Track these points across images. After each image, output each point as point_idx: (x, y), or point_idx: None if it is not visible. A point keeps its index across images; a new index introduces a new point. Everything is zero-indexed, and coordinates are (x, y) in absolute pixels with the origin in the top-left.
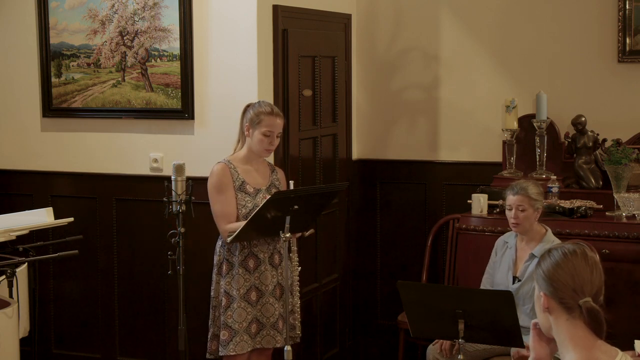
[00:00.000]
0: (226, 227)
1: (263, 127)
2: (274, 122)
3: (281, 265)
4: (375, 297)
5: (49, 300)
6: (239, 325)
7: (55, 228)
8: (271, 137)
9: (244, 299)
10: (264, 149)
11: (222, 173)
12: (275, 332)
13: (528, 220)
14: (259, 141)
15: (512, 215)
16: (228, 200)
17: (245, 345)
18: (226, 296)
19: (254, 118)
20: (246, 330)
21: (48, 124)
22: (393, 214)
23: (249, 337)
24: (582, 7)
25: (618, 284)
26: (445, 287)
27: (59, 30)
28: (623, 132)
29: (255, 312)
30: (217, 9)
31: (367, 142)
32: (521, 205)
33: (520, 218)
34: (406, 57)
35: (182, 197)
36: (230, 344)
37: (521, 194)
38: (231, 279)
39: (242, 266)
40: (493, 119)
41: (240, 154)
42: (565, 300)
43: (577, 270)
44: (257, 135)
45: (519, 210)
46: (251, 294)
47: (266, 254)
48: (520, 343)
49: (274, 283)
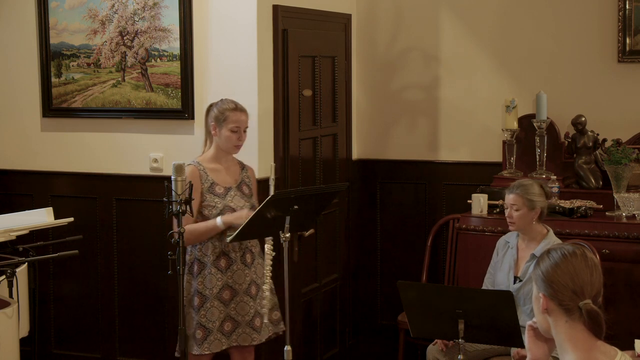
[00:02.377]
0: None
1: (229, 123)
2: (239, 117)
3: (254, 264)
4: (375, 297)
5: (49, 300)
6: (212, 325)
7: (55, 228)
8: (239, 133)
9: (217, 298)
10: (233, 145)
11: (191, 176)
12: (252, 330)
13: (523, 219)
14: (227, 138)
15: (507, 215)
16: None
17: (219, 344)
18: (199, 296)
19: (219, 116)
20: (219, 329)
21: (48, 124)
22: (393, 214)
23: (223, 336)
24: (582, 7)
25: (618, 284)
26: (445, 287)
27: (59, 30)
28: (623, 132)
29: (228, 310)
30: (217, 8)
31: (367, 142)
32: (515, 205)
33: (514, 217)
34: (406, 57)
35: (182, 197)
36: (204, 342)
37: (516, 193)
38: (203, 279)
39: (215, 266)
40: (493, 119)
41: (208, 154)
42: (564, 302)
43: (577, 271)
44: (224, 133)
45: (513, 210)
46: (224, 293)
47: (238, 253)
48: (521, 343)
49: (247, 282)
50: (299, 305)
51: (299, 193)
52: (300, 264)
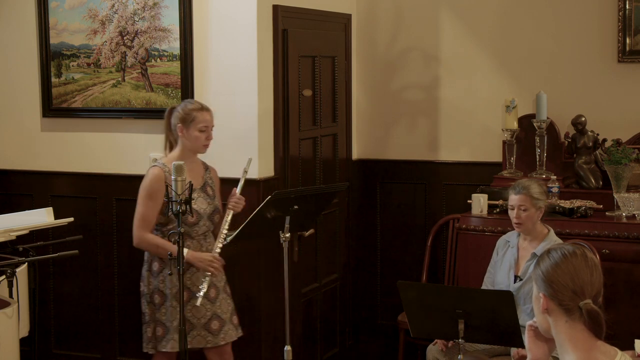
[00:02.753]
0: (144, 236)
1: (198, 123)
2: (206, 117)
3: None
4: (375, 297)
5: (49, 300)
6: (170, 324)
7: (55, 228)
8: (207, 132)
9: (176, 299)
10: (202, 145)
11: (157, 179)
12: (207, 332)
13: (530, 219)
14: (196, 138)
15: (514, 215)
16: (154, 208)
17: (175, 344)
18: (159, 294)
19: (186, 117)
20: (176, 330)
21: (48, 124)
22: (393, 214)
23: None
24: (582, 7)
25: (618, 284)
26: (445, 287)
27: (59, 30)
28: (623, 132)
29: (185, 311)
30: (217, 8)
31: (367, 142)
32: (523, 205)
33: (522, 218)
34: (406, 57)
35: (182, 197)
36: (163, 340)
37: (523, 193)
38: (164, 278)
39: (175, 266)
40: (493, 119)
41: (173, 156)
42: (564, 302)
43: (577, 271)
44: (193, 133)
45: (520, 210)
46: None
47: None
48: (521, 343)
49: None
50: (299, 305)
51: (299, 193)
52: (300, 264)
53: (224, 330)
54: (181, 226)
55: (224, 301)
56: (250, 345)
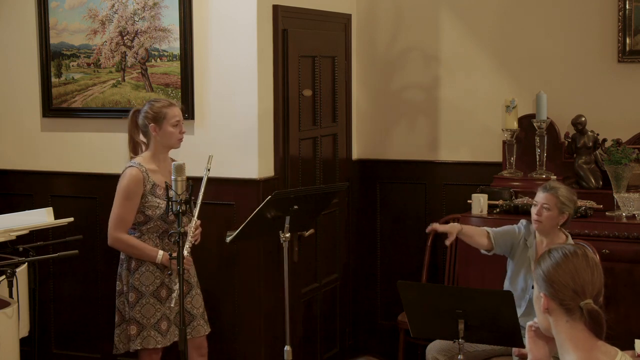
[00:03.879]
0: (119, 236)
1: (170, 119)
2: (176, 111)
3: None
4: (375, 297)
5: (49, 300)
6: (147, 321)
7: (55, 228)
8: (179, 126)
9: (154, 296)
10: (177, 139)
11: (135, 181)
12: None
13: (550, 220)
14: (170, 134)
15: (535, 212)
16: (131, 209)
17: (152, 340)
18: (135, 292)
19: (157, 115)
20: (154, 327)
21: (48, 124)
22: (393, 214)
23: (159, 334)
24: (582, 7)
25: (618, 284)
26: (445, 287)
27: (59, 30)
28: (623, 132)
29: (164, 309)
30: (217, 9)
31: (367, 142)
32: (547, 204)
33: (542, 215)
34: (406, 57)
35: (182, 197)
36: (138, 338)
37: (551, 193)
38: (140, 276)
39: (152, 263)
40: (493, 119)
41: (147, 156)
42: (565, 301)
43: (578, 271)
44: (167, 129)
45: (543, 208)
46: (161, 291)
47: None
48: (521, 343)
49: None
50: (299, 305)
51: (299, 193)
52: (300, 264)
53: (192, 325)
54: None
55: (197, 297)
56: (250, 345)
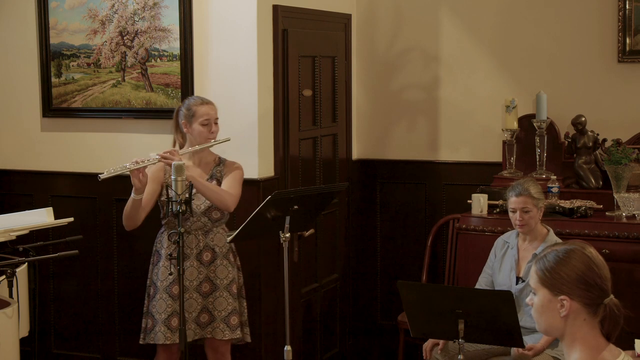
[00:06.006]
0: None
1: (198, 117)
2: (207, 110)
3: (214, 264)
4: (375, 297)
5: (49, 300)
6: (159, 316)
7: (55, 228)
8: (209, 125)
9: (166, 291)
10: (206, 139)
11: (158, 167)
12: (196, 325)
13: (534, 220)
14: (200, 133)
15: (517, 217)
16: (149, 192)
17: (161, 336)
18: (153, 286)
19: (187, 113)
20: (165, 322)
21: (48, 124)
22: (393, 214)
23: (168, 330)
24: (582, 7)
25: (618, 284)
26: (445, 287)
27: (59, 30)
28: (623, 132)
29: (176, 306)
30: (217, 9)
31: (367, 142)
32: (526, 207)
33: (526, 219)
34: (406, 57)
35: (182, 197)
36: (151, 332)
37: (525, 194)
38: (158, 270)
39: (168, 259)
40: (493, 119)
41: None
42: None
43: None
44: (196, 128)
45: (523, 212)
46: (173, 288)
47: (194, 250)
48: (520, 343)
49: (199, 279)
50: (299, 305)
51: (299, 193)
52: (300, 264)
53: (212, 325)
54: (181, 226)
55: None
56: (250, 345)
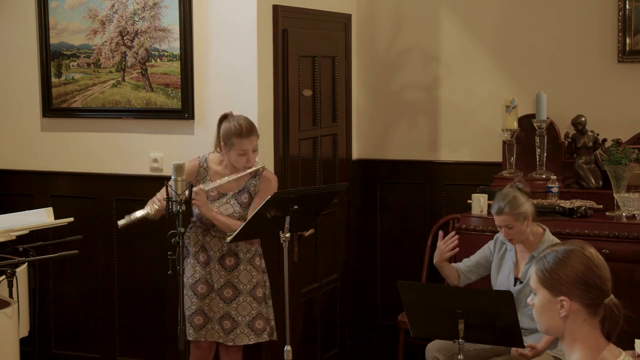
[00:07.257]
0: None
1: (237, 149)
2: (245, 144)
3: (238, 269)
4: (375, 297)
5: (49, 300)
6: (187, 312)
7: (55, 228)
8: (246, 155)
9: (192, 289)
10: (242, 167)
11: (189, 169)
12: (220, 328)
13: (520, 233)
14: (236, 160)
15: (503, 234)
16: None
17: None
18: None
19: (226, 140)
20: (189, 320)
21: (48, 124)
22: (393, 214)
23: (191, 327)
24: (582, 7)
25: (618, 284)
26: (445, 287)
27: (59, 30)
28: (623, 132)
29: (201, 304)
30: (217, 9)
31: (367, 142)
32: (507, 225)
33: (512, 234)
34: (406, 57)
35: (182, 197)
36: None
37: (504, 213)
38: (185, 267)
39: (195, 257)
40: (493, 119)
41: (218, 156)
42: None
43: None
44: (233, 155)
45: (508, 228)
46: (199, 286)
47: (217, 253)
48: (520, 343)
49: (220, 283)
50: (299, 305)
51: (299, 193)
52: (300, 264)
53: (235, 332)
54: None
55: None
56: (250, 345)
